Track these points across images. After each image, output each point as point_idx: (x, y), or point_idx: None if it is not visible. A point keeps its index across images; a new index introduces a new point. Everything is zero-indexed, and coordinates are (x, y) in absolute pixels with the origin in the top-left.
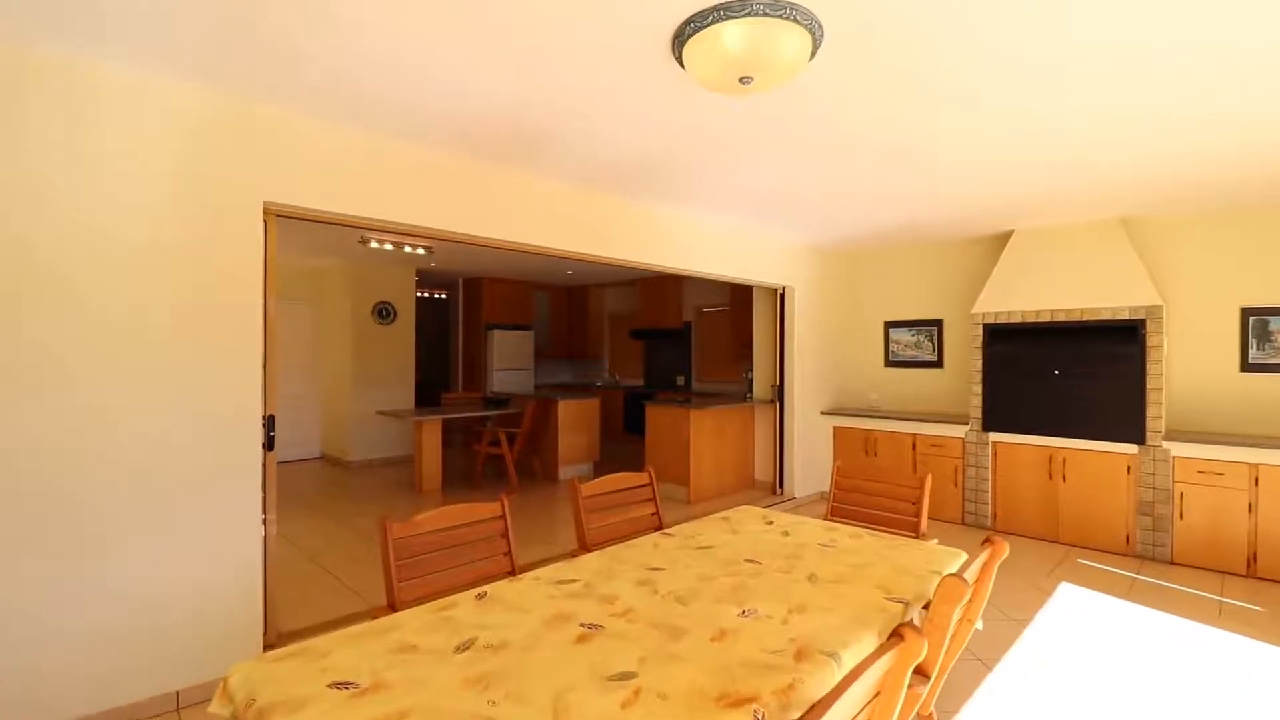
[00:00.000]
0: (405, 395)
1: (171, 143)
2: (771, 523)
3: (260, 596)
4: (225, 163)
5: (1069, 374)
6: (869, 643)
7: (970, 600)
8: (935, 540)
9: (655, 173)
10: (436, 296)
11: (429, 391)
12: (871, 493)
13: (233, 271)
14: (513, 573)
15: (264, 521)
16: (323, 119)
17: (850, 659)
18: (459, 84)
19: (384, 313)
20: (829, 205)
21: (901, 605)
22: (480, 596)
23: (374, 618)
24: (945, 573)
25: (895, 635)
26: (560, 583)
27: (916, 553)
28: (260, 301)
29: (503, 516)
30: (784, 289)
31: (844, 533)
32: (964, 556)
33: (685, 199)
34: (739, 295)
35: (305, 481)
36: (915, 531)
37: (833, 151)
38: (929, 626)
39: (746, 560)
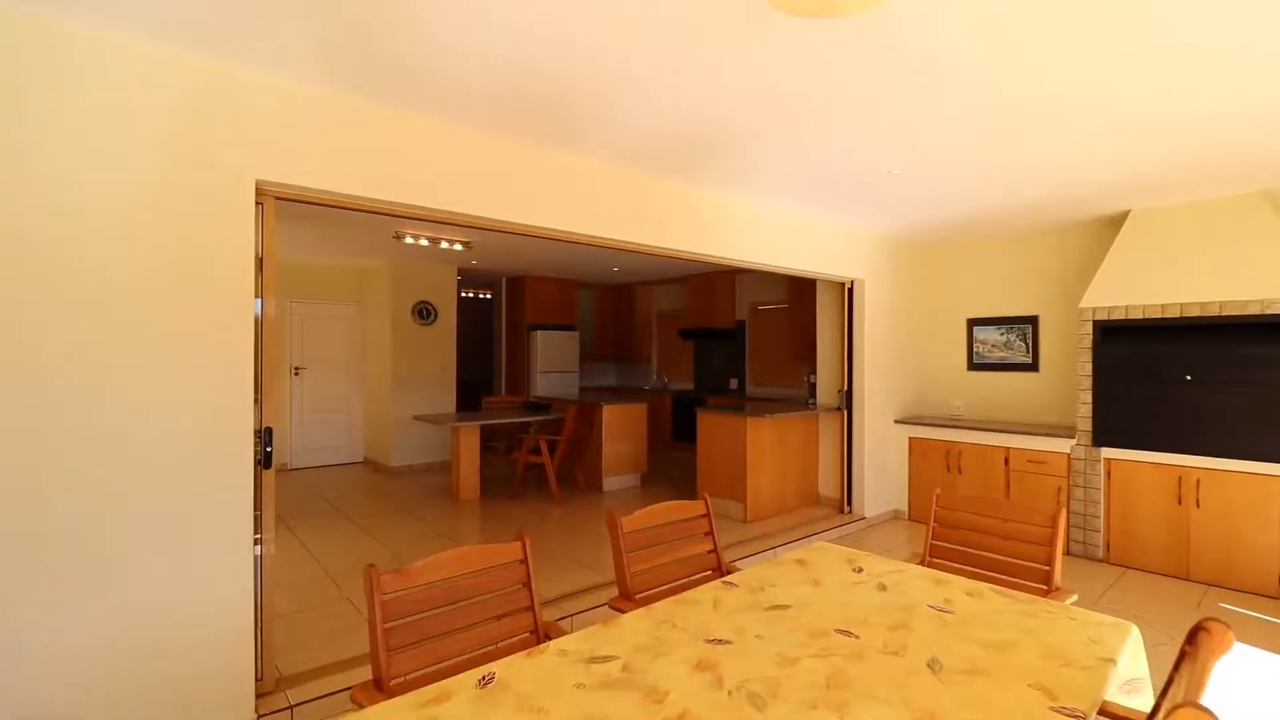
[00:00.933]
0: (446, 398)
1: (141, 111)
2: (860, 569)
3: (251, 638)
4: (205, 135)
5: (1204, 380)
6: None
7: None
8: (1074, 597)
9: (711, 146)
10: (481, 296)
11: (472, 394)
12: (982, 530)
13: (214, 262)
14: (535, 633)
15: (257, 542)
16: (323, 84)
17: None
18: (475, 18)
19: (424, 313)
20: (913, 182)
21: None
22: (484, 683)
23: (358, 704)
24: (1117, 658)
25: None
26: (592, 660)
27: (1069, 625)
28: (250, 297)
29: (524, 561)
30: (852, 282)
31: (958, 588)
32: (1134, 631)
33: (744, 180)
34: (799, 290)
35: (343, 487)
36: (1046, 584)
37: (926, 111)
38: None
39: (838, 631)
